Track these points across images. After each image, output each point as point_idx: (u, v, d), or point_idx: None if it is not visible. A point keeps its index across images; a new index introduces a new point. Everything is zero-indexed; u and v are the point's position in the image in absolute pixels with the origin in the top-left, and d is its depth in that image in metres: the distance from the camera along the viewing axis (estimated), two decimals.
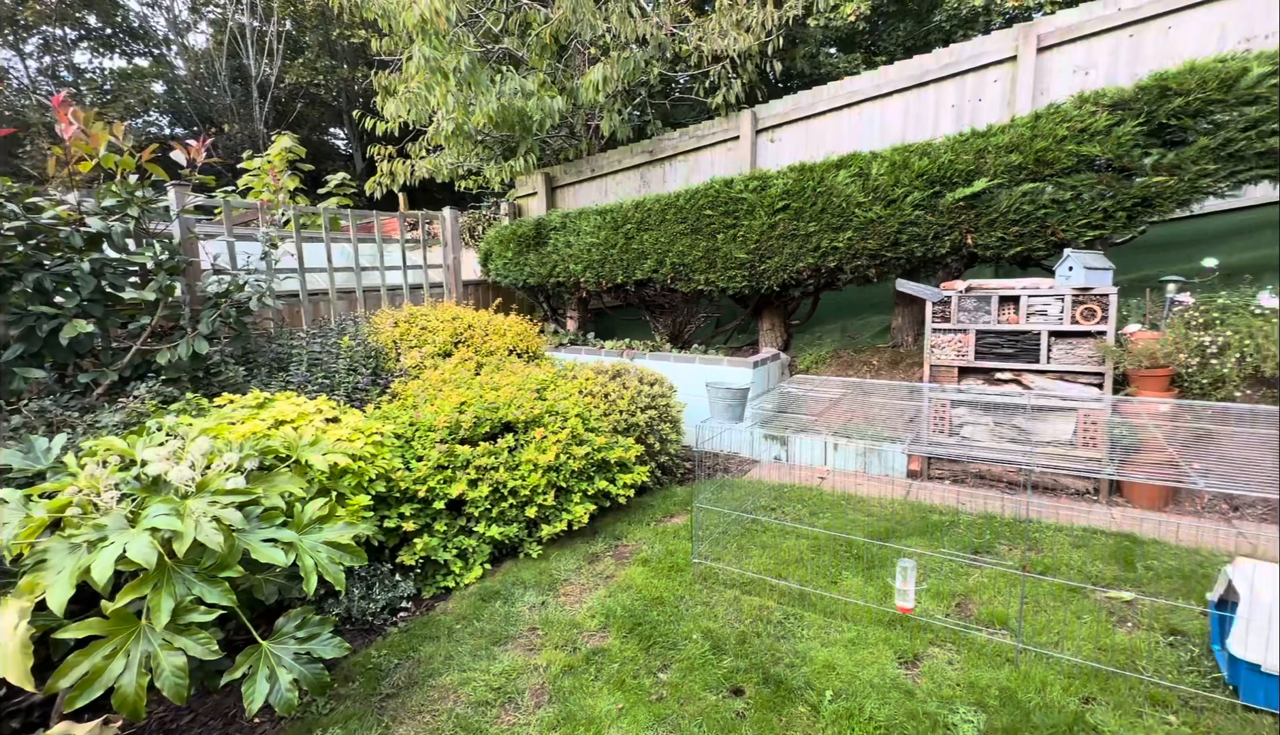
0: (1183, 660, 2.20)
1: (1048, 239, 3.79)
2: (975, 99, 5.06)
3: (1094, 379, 3.76)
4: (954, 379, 4.07)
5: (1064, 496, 3.83)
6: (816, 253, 4.38)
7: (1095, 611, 2.50)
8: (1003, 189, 3.78)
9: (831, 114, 5.60)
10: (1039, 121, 3.71)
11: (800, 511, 3.66)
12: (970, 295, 3.93)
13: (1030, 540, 3.14)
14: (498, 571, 3.12)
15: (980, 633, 2.38)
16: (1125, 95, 3.55)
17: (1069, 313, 3.70)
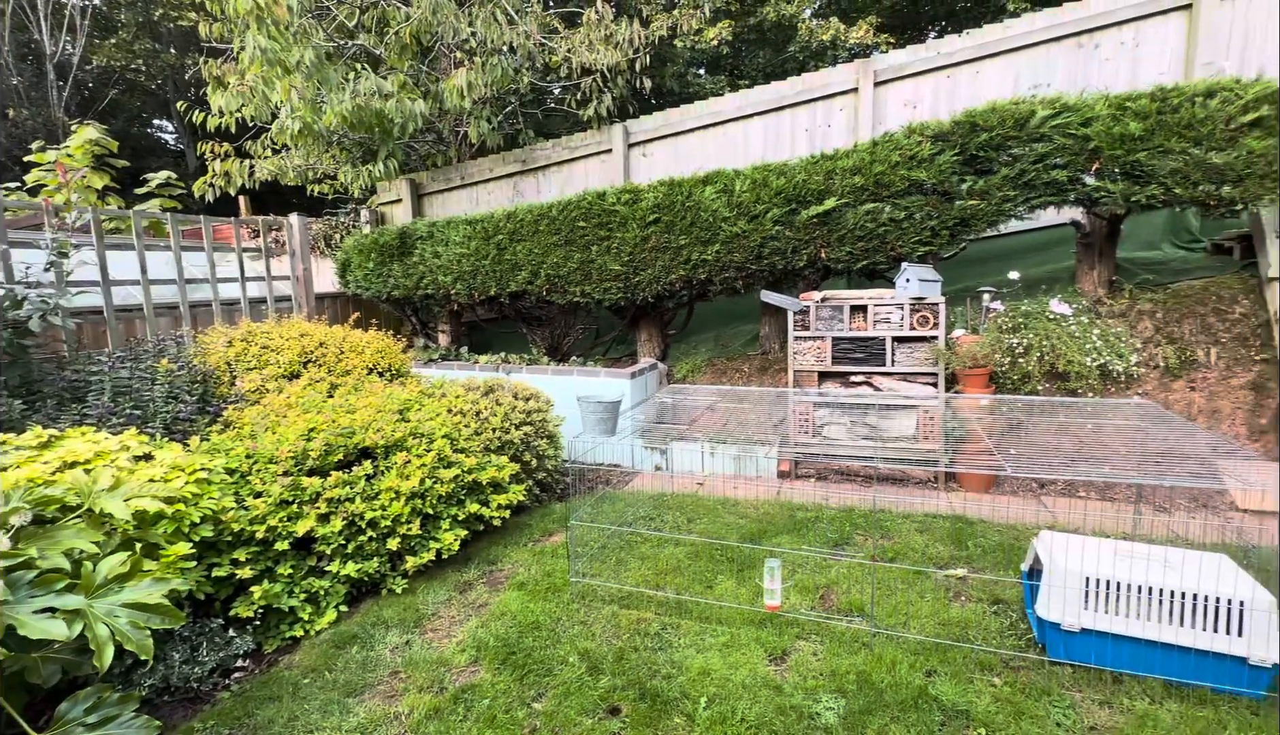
0: (1004, 626, 2.50)
1: (888, 254, 4.23)
2: (825, 125, 5.55)
3: (930, 379, 4.22)
4: (815, 383, 4.39)
5: (910, 486, 4.25)
6: (688, 265, 4.54)
7: (936, 590, 2.78)
8: (849, 208, 4.17)
9: (699, 132, 5.88)
10: (876, 148, 4.14)
11: (679, 519, 3.73)
12: (826, 305, 4.27)
13: (882, 530, 3.44)
14: (356, 613, 2.85)
15: (840, 622, 2.55)
16: (944, 128, 4.06)
17: (908, 320, 4.14)
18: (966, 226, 4.12)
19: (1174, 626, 2.05)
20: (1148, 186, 3.81)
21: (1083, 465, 3.80)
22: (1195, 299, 4.41)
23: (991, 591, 2.76)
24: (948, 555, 3.13)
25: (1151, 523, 3.50)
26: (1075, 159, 3.89)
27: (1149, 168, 3.77)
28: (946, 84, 5.36)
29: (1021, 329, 4.25)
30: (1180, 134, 3.71)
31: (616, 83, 6.27)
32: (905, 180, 4.04)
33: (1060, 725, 1.95)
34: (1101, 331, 4.21)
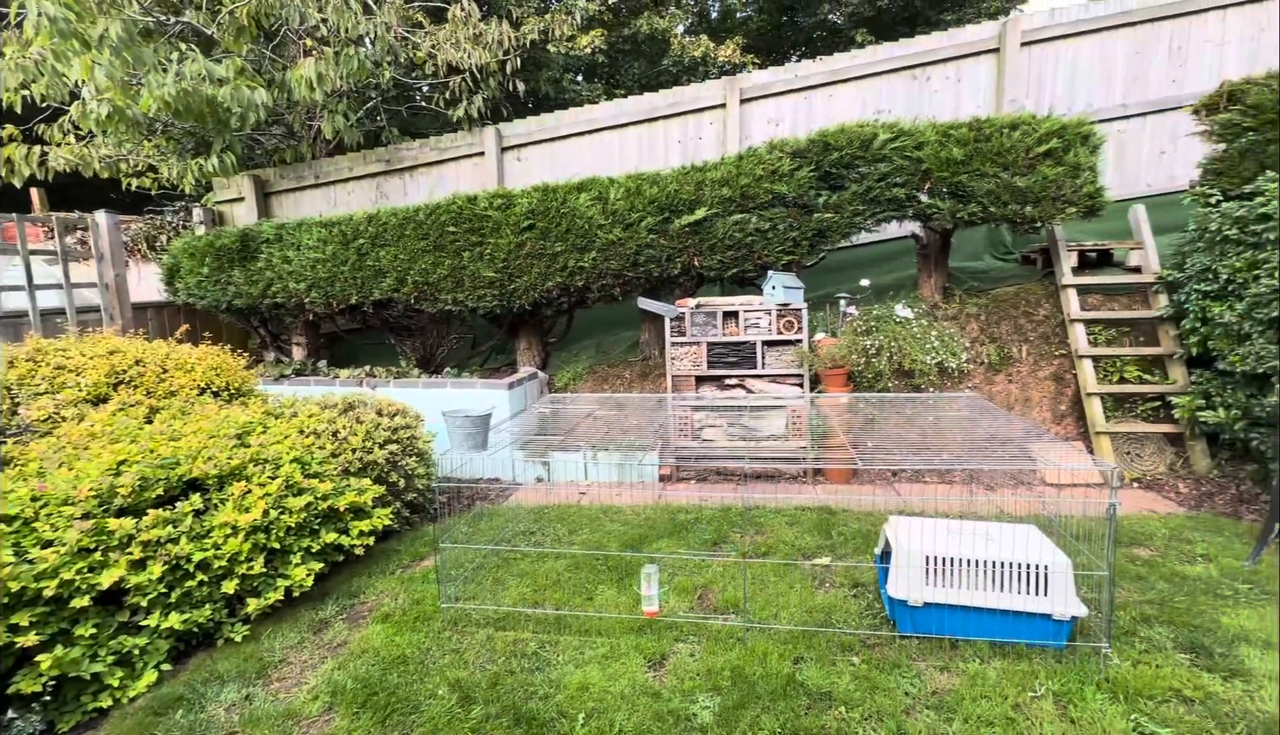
0: (862, 608, 2.71)
1: (755, 262, 4.48)
2: (697, 137, 5.79)
3: (797, 380, 4.52)
4: (692, 387, 4.53)
5: (783, 482, 4.51)
6: (564, 272, 4.51)
7: (804, 580, 2.96)
8: (719, 218, 4.37)
9: (575, 138, 5.88)
10: (742, 161, 4.38)
11: (561, 531, 3.67)
12: (700, 311, 4.43)
13: (756, 526, 3.61)
14: (184, 669, 2.49)
15: (717, 620, 2.63)
16: (801, 146, 4.38)
17: (775, 325, 4.41)
18: (824, 237, 4.47)
19: (996, 593, 2.34)
20: (969, 204, 4.37)
21: (927, 454, 4.26)
22: (1010, 303, 5.11)
23: (852, 576, 2.98)
24: (814, 545, 3.35)
25: (982, 501, 3.98)
26: (911, 179, 4.37)
27: (969, 188, 4.33)
28: (804, 104, 5.81)
29: (873, 332, 4.67)
30: (993, 160, 4.29)
31: (488, 84, 6.12)
32: (769, 193, 4.31)
33: (908, 694, 2.14)
34: (938, 333, 4.74)
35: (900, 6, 11.39)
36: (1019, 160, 4.27)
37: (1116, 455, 4.35)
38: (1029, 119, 4.33)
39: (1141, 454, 4.38)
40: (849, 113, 5.73)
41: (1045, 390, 4.77)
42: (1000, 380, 4.85)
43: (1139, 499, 3.91)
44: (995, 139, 4.27)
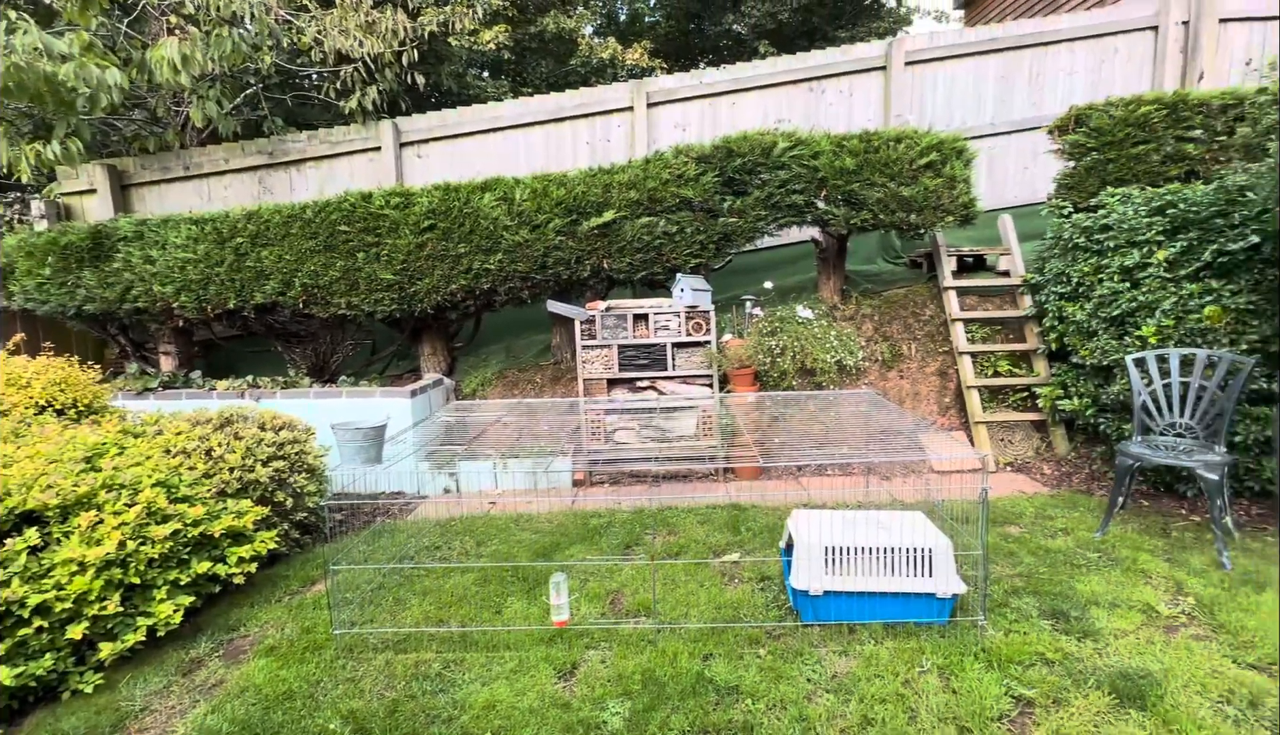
0: (769, 600, 2.81)
1: (664, 264, 4.55)
2: (605, 139, 5.81)
3: (706, 381, 4.63)
4: (604, 390, 4.53)
5: (695, 481, 4.61)
6: (469, 274, 4.37)
7: (714, 577, 3.02)
8: (627, 220, 4.40)
9: (479, 136, 5.73)
10: (649, 165, 4.44)
11: (468, 544, 3.54)
12: (610, 314, 4.44)
13: (668, 527, 3.66)
14: (17, 731, 2.17)
15: (629, 624, 2.63)
16: (706, 151, 4.50)
17: (684, 327, 4.49)
18: (729, 241, 4.61)
19: (888, 577, 2.50)
20: (861, 211, 4.66)
21: (829, 448, 4.50)
22: (900, 304, 5.50)
23: (760, 570, 3.08)
24: (725, 542, 3.43)
25: (879, 491, 4.24)
26: (809, 186, 4.61)
27: (862, 196, 4.62)
28: (710, 111, 5.99)
29: (778, 332, 4.88)
30: (881, 170, 4.61)
31: (384, 75, 5.82)
32: (676, 197, 4.40)
33: (810, 681, 2.24)
34: (837, 333, 5.01)
35: (800, 21, 12.00)
36: (904, 171, 4.61)
37: (992, 442, 4.79)
38: (912, 133, 4.68)
39: (1013, 440, 4.84)
40: (752, 121, 5.96)
41: (932, 384, 5.17)
42: (893, 376, 5.21)
43: (1011, 481, 4.33)
44: (883, 151, 4.59)
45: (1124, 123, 4.95)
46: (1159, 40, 6.51)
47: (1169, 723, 1.94)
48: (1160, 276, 3.82)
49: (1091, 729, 1.95)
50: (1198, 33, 6.33)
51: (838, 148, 4.56)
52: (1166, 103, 4.89)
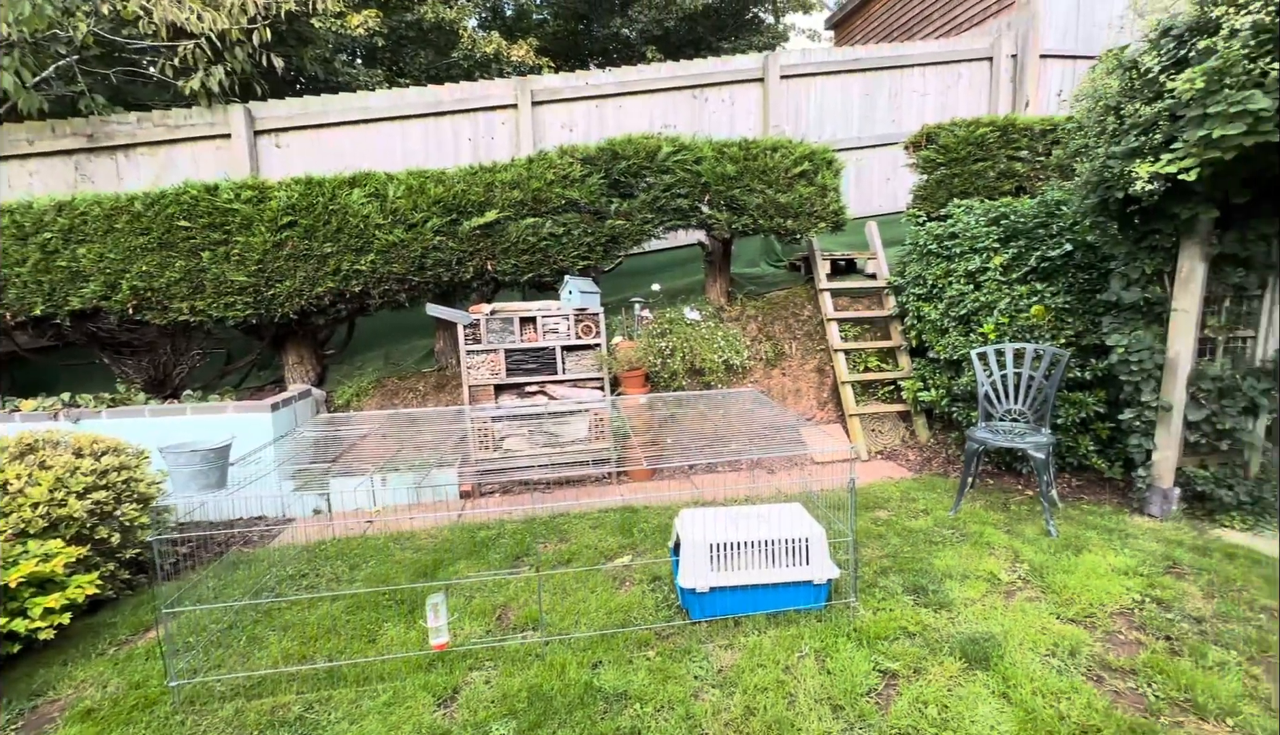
0: (659, 601, 2.82)
1: (551, 266, 4.48)
2: (489, 137, 5.63)
3: (597, 384, 4.61)
4: (492, 396, 4.38)
5: (588, 486, 4.57)
6: (337, 276, 4.05)
7: (605, 582, 3.00)
8: (511, 221, 4.28)
9: (349, 127, 5.34)
10: (533, 165, 4.35)
11: (340, 569, 3.27)
12: (496, 317, 4.30)
13: (560, 534, 3.59)
14: None
15: (516, 639, 2.54)
16: (591, 153, 4.49)
17: (574, 330, 4.45)
18: (617, 243, 4.63)
19: (769, 569, 2.60)
20: (743, 216, 4.86)
21: (719, 446, 4.64)
22: (782, 305, 5.79)
23: (651, 571, 3.10)
24: (617, 546, 3.42)
25: (765, 485, 4.42)
26: (694, 191, 4.73)
27: (743, 202, 4.81)
28: (597, 113, 5.99)
29: (668, 334, 4.96)
30: (760, 177, 4.82)
31: (234, 54, 5.26)
32: (561, 198, 4.34)
33: (697, 678, 2.27)
34: (724, 333, 5.19)
35: (686, 30, 12.38)
36: (781, 179, 4.86)
37: (865, 433, 5.16)
38: (787, 143, 4.95)
39: (882, 430, 5.26)
40: (639, 124, 6.04)
41: (811, 381, 5.50)
42: (776, 374, 5.47)
43: (881, 468, 4.68)
44: (761, 159, 4.81)
45: (966, 142, 5.55)
46: (994, 70, 7.38)
47: (1008, 679, 2.17)
48: (997, 280, 4.30)
49: (946, 693, 2.13)
50: (1024, 66, 7.25)
51: (719, 154, 4.72)
52: (999, 125, 5.54)
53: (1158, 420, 3.41)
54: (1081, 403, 3.90)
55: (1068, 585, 2.77)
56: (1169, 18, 2.81)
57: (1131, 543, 3.15)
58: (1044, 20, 7.15)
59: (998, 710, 2.04)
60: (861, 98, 7.22)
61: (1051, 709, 2.03)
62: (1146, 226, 3.31)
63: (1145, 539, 3.18)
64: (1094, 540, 3.20)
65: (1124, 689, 2.13)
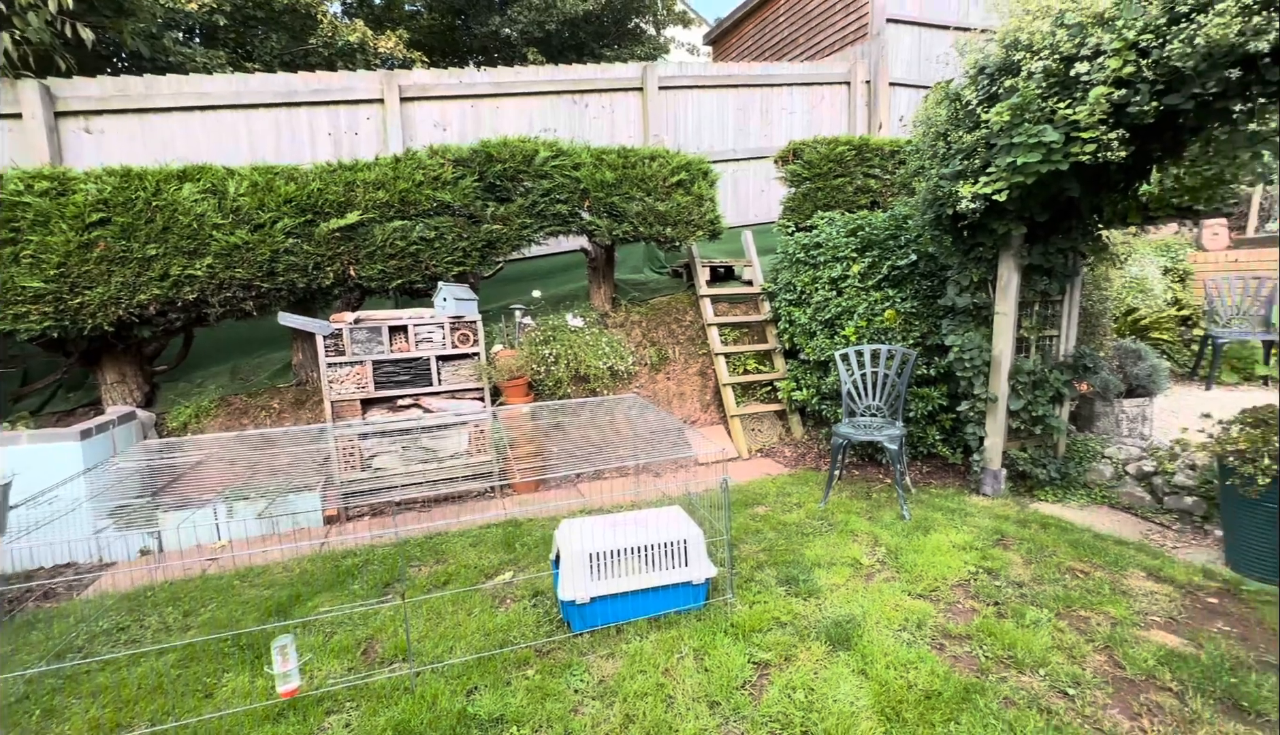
0: (541, 616, 2.77)
1: (423, 272, 4.27)
2: (353, 132, 5.27)
3: (477, 394, 4.46)
4: (359, 412, 4.08)
5: (470, 501, 4.40)
6: (165, 282, 3.59)
7: (485, 602, 2.89)
8: (377, 223, 4.03)
9: (183, 114, 4.77)
10: (400, 165, 4.13)
11: (172, 616, 2.89)
12: (361, 327, 4.02)
13: (436, 555, 3.42)
14: None
15: (383, 674, 2.38)
16: (464, 154, 4.34)
17: (449, 338, 4.27)
18: (494, 248, 4.51)
19: (649, 573, 2.64)
20: (623, 223, 4.92)
21: (606, 453, 4.66)
22: (665, 311, 5.93)
23: (534, 586, 3.04)
24: (498, 562, 3.32)
25: (652, 489, 4.49)
26: (573, 196, 4.72)
27: (622, 209, 4.88)
28: (472, 113, 5.81)
29: (551, 341, 4.91)
30: (638, 185, 4.92)
31: (26, 20, 4.51)
32: (432, 200, 4.16)
33: (577, 691, 2.25)
34: (608, 340, 5.22)
35: (568, 35, 12.39)
36: (659, 187, 4.98)
37: (745, 432, 5.42)
38: (664, 152, 5.09)
39: (761, 429, 5.54)
40: (517, 127, 5.94)
41: (694, 384, 5.68)
42: (661, 378, 5.59)
43: (760, 465, 4.93)
44: (639, 167, 4.91)
45: (828, 158, 6.02)
46: (851, 93, 8.08)
47: (866, 657, 2.35)
48: (856, 286, 4.70)
49: (812, 676, 2.27)
50: (876, 92, 8.00)
51: (598, 160, 4.76)
52: (855, 145, 6.06)
53: (987, 411, 3.87)
54: (928, 397, 4.35)
55: (917, 564, 3.06)
56: (983, 57, 3.22)
57: (969, 520, 3.54)
58: (892, 52, 7.94)
59: (857, 687, 2.20)
60: (736, 112, 7.61)
61: (902, 679, 2.22)
62: (973, 240, 3.76)
63: (980, 516, 3.60)
64: (940, 520, 3.56)
65: (961, 653, 2.38)
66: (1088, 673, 2.23)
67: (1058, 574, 2.92)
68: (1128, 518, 3.55)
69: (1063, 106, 2.76)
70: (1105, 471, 4.01)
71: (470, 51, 13.03)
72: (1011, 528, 3.43)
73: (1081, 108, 2.67)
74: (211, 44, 7.39)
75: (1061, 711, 2.04)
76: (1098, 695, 2.12)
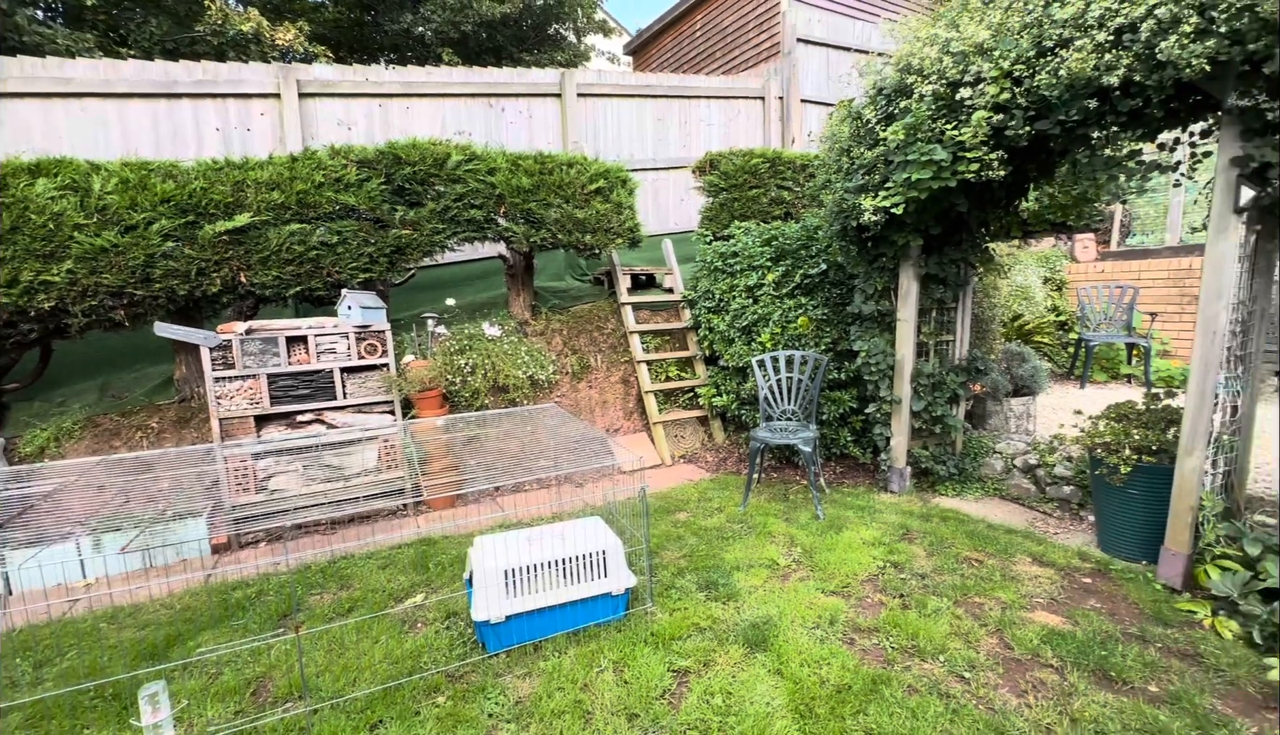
0: (454, 638, 2.66)
1: (325, 279, 4.04)
2: (244, 128, 4.93)
3: (387, 407, 4.25)
4: (252, 430, 3.79)
5: (381, 521, 4.18)
6: (14, 289, 3.19)
7: (393, 628, 2.74)
8: (271, 226, 3.77)
9: (40, 101, 4.29)
10: (297, 164, 3.89)
11: (20, 668, 2.55)
12: (255, 337, 3.74)
13: (340, 581, 3.22)
14: None
15: (275, 715, 2.20)
16: (369, 155, 4.15)
17: (355, 349, 4.05)
18: (403, 254, 4.33)
19: (568, 587, 2.59)
20: (541, 230, 4.86)
21: (527, 464, 4.56)
22: (587, 319, 5.91)
23: (448, 607, 2.91)
24: (409, 585, 3.16)
25: (575, 500, 4.44)
26: (488, 202, 4.62)
27: (540, 215, 4.82)
28: (380, 113, 5.57)
29: (468, 350, 4.76)
30: (556, 192, 4.88)
31: None
32: (334, 203, 3.94)
33: (491, 715, 2.17)
34: (528, 348, 5.13)
35: (485, 37, 12.16)
36: (577, 194, 4.96)
37: (669, 439, 5.47)
38: (582, 159, 5.08)
39: (684, 435, 5.61)
40: (430, 128, 5.75)
41: (617, 392, 5.68)
42: (583, 387, 5.56)
43: (683, 471, 4.99)
44: (557, 173, 4.87)
45: (743, 170, 6.21)
46: (765, 108, 8.40)
47: (781, 656, 2.41)
48: (771, 294, 4.86)
49: (730, 680, 2.30)
50: (789, 107, 8.36)
51: (514, 166, 4.68)
52: (769, 158, 6.30)
53: (892, 412, 4.10)
54: (840, 400, 4.56)
55: (830, 562, 3.18)
56: (880, 79, 3.43)
57: (878, 517, 3.73)
58: (803, 70, 8.33)
59: (773, 687, 2.25)
60: (655, 122, 7.72)
61: (815, 676, 2.30)
62: (876, 250, 3.99)
63: (888, 513, 3.80)
64: (851, 518, 3.73)
65: (869, 646, 2.49)
66: (981, 656, 2.39)
67: (956, 564, 3.12)
68: (1016, 508, 3.85)
69: (950, 128, 2.97)
70: (997, 465, 4.34)
71: (382, 49, 12.52)
72: (916, 522, 3.63)
73: (966, 129, 2.89)
74: (78, 25, 6.66)
75: (959, 695, 2.17)
76: (990, 676, 2.28)
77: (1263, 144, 2.32)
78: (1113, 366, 6.77)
